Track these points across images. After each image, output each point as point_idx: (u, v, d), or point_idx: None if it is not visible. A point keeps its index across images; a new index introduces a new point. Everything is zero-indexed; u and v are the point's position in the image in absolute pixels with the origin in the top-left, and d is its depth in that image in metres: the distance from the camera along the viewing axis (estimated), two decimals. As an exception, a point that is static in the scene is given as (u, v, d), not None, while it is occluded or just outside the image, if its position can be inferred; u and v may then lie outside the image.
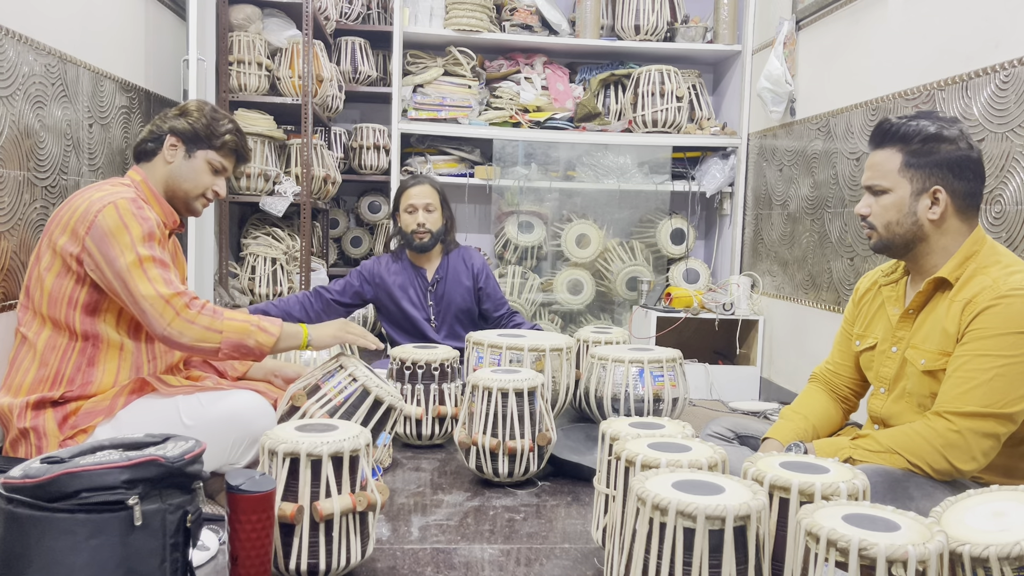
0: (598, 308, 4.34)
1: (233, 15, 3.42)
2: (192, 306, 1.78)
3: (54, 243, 1.81)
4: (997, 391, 1.53)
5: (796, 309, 3.49)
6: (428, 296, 3.03)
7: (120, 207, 1.79)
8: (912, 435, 1.59)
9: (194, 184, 1.98)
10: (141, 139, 1.98)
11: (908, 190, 1.66)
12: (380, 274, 3.01)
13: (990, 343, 1.55)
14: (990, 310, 1.56)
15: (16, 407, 1.78)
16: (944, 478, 1.57)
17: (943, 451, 1.55)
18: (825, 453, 1.68)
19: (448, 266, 3.05)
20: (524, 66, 4.23)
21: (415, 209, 2.94)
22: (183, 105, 2.02)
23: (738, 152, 4.11)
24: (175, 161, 1.96)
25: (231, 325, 1.80)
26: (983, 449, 1.54)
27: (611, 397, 2.45)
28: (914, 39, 2.67)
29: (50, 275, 1.81)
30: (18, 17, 2.08)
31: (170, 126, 1.96)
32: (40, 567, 1.19)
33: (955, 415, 1.55)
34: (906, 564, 1.07)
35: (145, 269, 1.76)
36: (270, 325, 1.85)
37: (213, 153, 1.98)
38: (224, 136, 1.98)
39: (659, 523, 1.23)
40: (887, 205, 1.68)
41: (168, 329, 1.75)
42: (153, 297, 1.75)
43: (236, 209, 3.83)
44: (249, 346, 1.82)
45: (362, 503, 1.52)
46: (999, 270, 1.60)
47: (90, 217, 1.77)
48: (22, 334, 1.84)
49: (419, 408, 2.44)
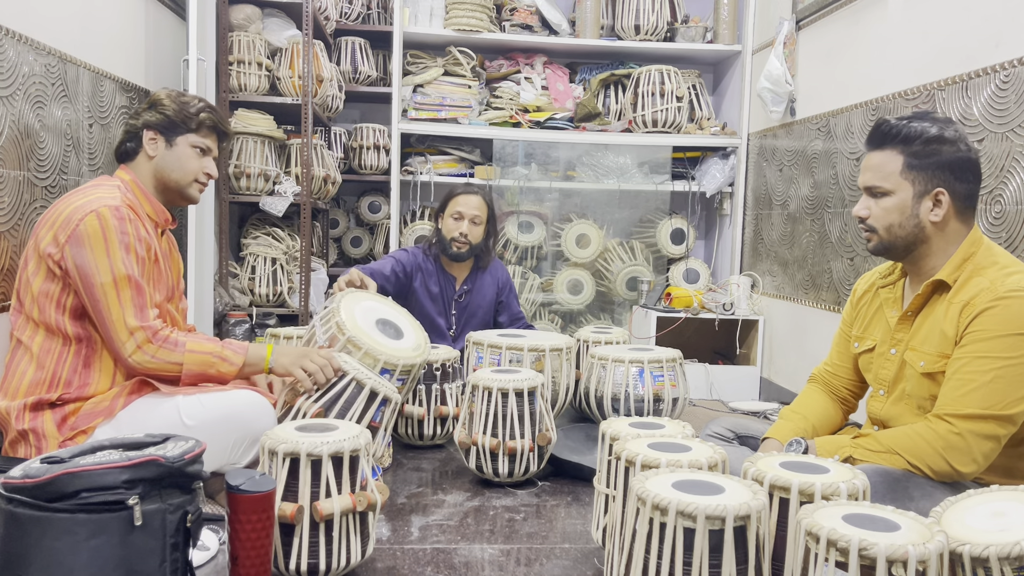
0: (598, 308, 4.34)
1: (233, 15, 3.42)
2: (155, 340, 1.80)
3: (38, 245, 1.80)
4: (997, 393, 1.53)
5: (796, 309, 3.49)
6: (453, 305, 3.02)
7: (102, 216, 1.77)
8: (913, 436, 1.59)
9: (183, 172, 1.96)
10: (120, 141, 1.97)
11: (910, 192, 1.65)
12: (411, 272, 2.97)
13: (989, 345, 1.54)
14: (988, 312, 1.56)
15: (14, 409, 1.78)
16: (944, 479, 1.57)
17: (944, 453, 1.54)
18: (825, 451, 1.68)
19: (477, 278, 3.04)
20: (524, 66, 4.23)
21: (461, 217, 2.91)
22: (151, 97, 2.00)
23: (738, 152, 4.11)
24: (158, 154, 1.95)
25: (192, 358, 1.82)
26: (984, 452, 1.54)
27: (611, 397, 2.45)
28: (914, 39, 2.67)
29: (37, 280, 1.80)
30: (18, 17, 2.08)
31: (144, 120, 1.94)
32: (40, 567, 1.19)
33: (956, 417, 1.55)
34: (906, 564, 1.07)
35: (119, 292, 1.77)
36: (233, 355, 1.87)
37: (193, 136, 1.96)
38: (199, 116, 1.96)
39: (659, 523, 1.24)
40: (889, 208, 1.67)
41: (128, 359, 1.79)
42: (119, 324, 1.77)
43: (236, 209, 3.83)
44: (211, 375, 1.86)
45: (362, 503, 1.52)
46: (996, 271, 1.60)
47: (72, 225, 1.76)
48: (16, 338, 1.84)
49: (420, 408, 2.44)
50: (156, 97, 1.98)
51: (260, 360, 1.90)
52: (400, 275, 2.92)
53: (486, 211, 2.96)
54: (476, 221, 2.92)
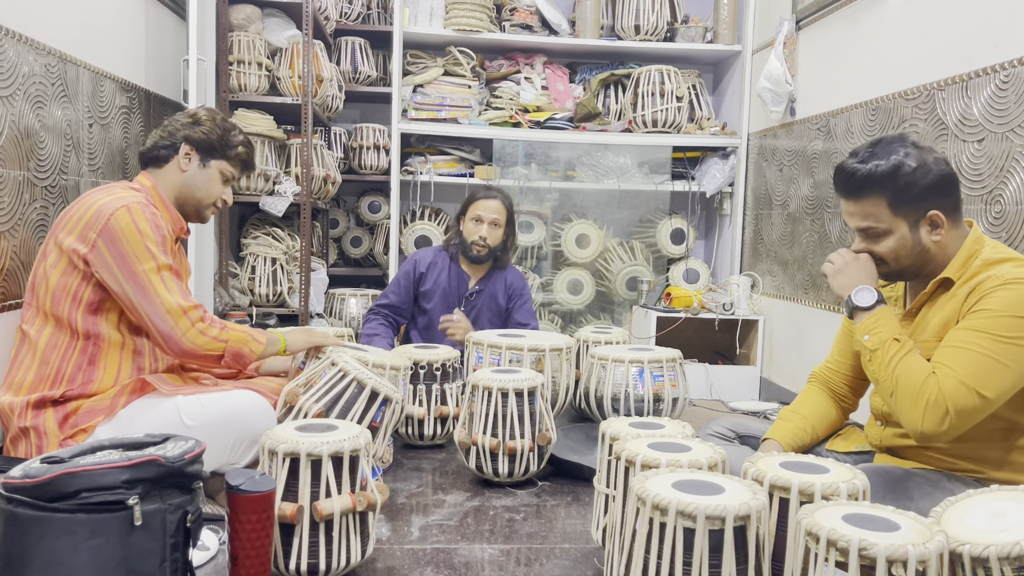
0: (598, 308, 4.34)
1: (233, 15, 3.42)
2: (205, 318, 1.87)
3: (60, 242, 1.82)
4: (983, 366, 1.52)
5: (796, 309, 3.49)
6: (463, 304, 3.03)
7: (133, 211, 1.81)
8: (919, 372, 1.56)
9: (207, 193, 2.02)
10: (153, 144, 2.00)
11: (906, 226, 1.66)
12: (422, 271, 3.03)
13: (988, 322, 1.55)
14: (993, 293, 1.56)
15: (17, 406, 1.78)
16: (907, 426, 1.56)
17: (925, 409, 1.53)
18: (876, 335, 1.63)
19: (490, 280, 3.07)
20: (524, 66, 4.23)
21: (481, 221, 2.94)
22: (193, 113, 2.04)
23: (738, 152, 4.11)
24: (189, 170, 1.99)
25: (233, 335, 1.90)
26: (956, 424, 1.52)
27: (611, 397, 2.45)
28: (914, 39, 2.67)
29: (56, 272, 1.82)
30: (18, 17, 2.08)
31: (185, 135, 1.98)
32: (40, 567, 1.19)
33: (953, 381, 1.53)
34: (906, 564, 1.07)
35: (163, 278, 1.82)
36: (259, 335, 1.97)
37: (226, 163, 2.03)
38: (237, 148, 2.04)
39: (659, 523, 1.24)
40: (892, 246, 1.68)
41: (183, 338, 1.82)
42: (174, 307, 1.81)
43: (236, 209, 3.83)
44: (244, 353, 1.92)
45: (362, 503, 1.52)
46: (1012, 267, 1.60)
47: (102, 220, 1.79)
48: (23, 331, 1.84)
49: (421, 408, 2.44)
50: (199, 115, 2.02)
51: (276, 341, 2.02)
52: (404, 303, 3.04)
53: (506, 214, 2.99)
54: (496, 224, 2.96)
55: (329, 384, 1.87)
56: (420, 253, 3.11)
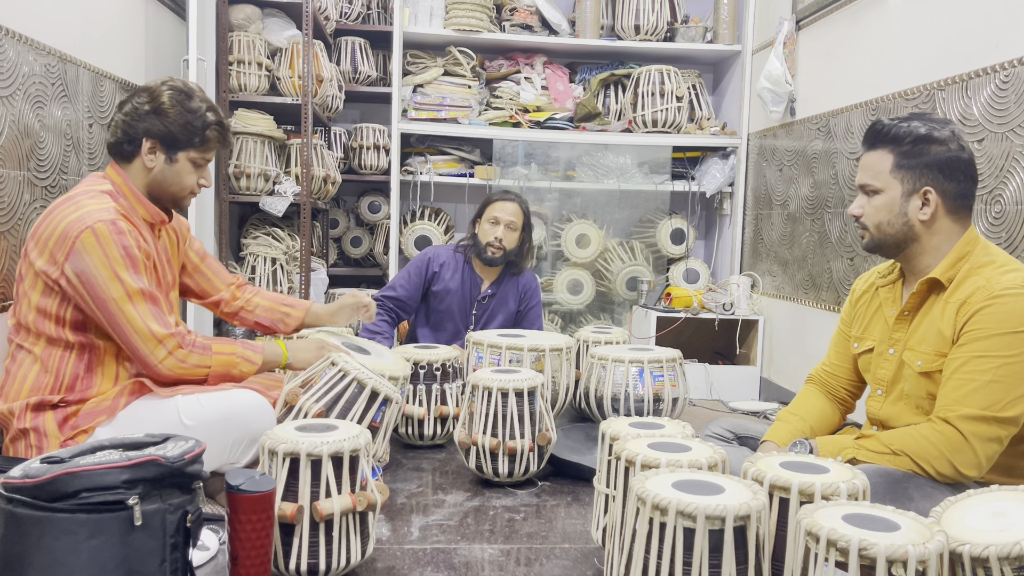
0: (598, 308, 4.34)
1: (233, 15, 3.42)
2: (185, 345, 1.81)
3: (32, 263, 1.76)
4: (996, 393, 1.53)
5: (796, 309, 3.49)
6: (475, 306, 3.03)
7: (99, 232, 1.71)
8: (918, 438, 1.58)
9: (179, 187, 1.90)
10: (116, 139, 1.85)
11: (899, 191, 1.67)
12: (435, 270, 3.02)
13: (986, 344, 1.55)
14: (985, 310, 1.56)
15: (16, 409, 1.77)
16: (947, 481, 1.57)
17: (949, 456, 1.54)
18: (828, 452, 1.68)
19: (503, 284, 3.07)
20: (524, 66, 4.23)
21: (497, 223, 2.95)
22: (154, 95, 1.85)
23: (738, 152, 4.11)
24: (156, 166, 1.86)
25: (218, 360, 1.86)
26: (987, 454, 1.54)
27: (611, 397, 2.45)
28: (914, 39, 2.67)
29: (35, 293, 1.77)
30: (18, 17, 2.08)
31: (145, 127, 1.83)
32: (40, 567, 1.19)
33: (959, 419, 1.55)
34: (906, 564, 1.07)
35: (135, 304, 1.75)
36: (252, 354, 1.92)
37: (195, 152, 1.88)
38: (204, 132, 1.87)
39: (659, 523, 1.24)
40: (879, 206, 1.70)
41: (159, 366, 1.79)
42: (146, 334, 1.76)
43: (236, 209, 3.83)
44: (233, 375, 1.89)
45: (362, 503, 1.52)
46: (992, 270, 1.61)
47: (68, 243, 1.71)
48: (17, 344, 1.82)
49: (421, 408, 2.44)
50: (159, 99, 1.84)
51: (277, 357, 1.98)
52: (411, 298, 3.01)
53: (522, 218, 3.00)
54: (512, 227, 2.96)
55: (329, 384, 1.87)
56: (433, 250, 3.09)
